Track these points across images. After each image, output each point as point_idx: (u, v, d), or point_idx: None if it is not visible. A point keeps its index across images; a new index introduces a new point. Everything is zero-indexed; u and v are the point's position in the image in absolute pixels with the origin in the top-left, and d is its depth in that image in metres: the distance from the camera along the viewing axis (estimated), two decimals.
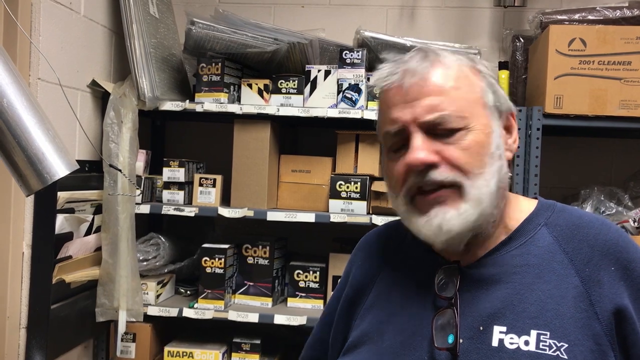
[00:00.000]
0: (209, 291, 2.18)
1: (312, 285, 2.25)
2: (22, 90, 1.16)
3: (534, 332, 0.89)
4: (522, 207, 1.01)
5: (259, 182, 2.21)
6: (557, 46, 2.03)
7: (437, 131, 0.93)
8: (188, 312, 2.17)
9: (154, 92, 2.15)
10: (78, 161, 1.26)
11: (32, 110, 1.16)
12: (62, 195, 1.87)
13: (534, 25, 2.26)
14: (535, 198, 1.05)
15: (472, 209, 0.92)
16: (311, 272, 2.25)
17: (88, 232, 2.05)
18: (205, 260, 2.18)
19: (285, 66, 2.33)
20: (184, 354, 2.21)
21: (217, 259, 2.18)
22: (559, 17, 2.17)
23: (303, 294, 2.25)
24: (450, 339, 0.92)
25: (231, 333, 2.29)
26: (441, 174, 0.92)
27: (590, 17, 2.13)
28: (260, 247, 2.26)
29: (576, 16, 2.15)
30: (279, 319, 2.13)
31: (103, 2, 2.20)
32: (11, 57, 1.22)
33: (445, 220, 0.92)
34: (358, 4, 2.59)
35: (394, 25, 2.58)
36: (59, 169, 1.16)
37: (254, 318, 2.14)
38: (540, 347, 0.88)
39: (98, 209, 2.09)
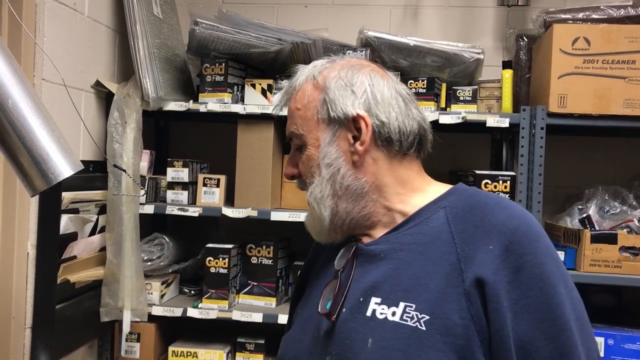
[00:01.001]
0: (213, 291, 2.18)
1: None
2: (27, 91, 1.17)
3: (402, 304, 0.96)
4: (430, 194, 1.07)
5: (262, 182, 2.22)
6: (561, 45, 2.02)
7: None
8: (192, 312, 2.17)
9: (158, 92, 2.15)
10: (82, 161, 1.27)
11: (37, 111, 1.16)
12: (66, 196, 1.88)
13: (537, 24, 2.26)
14: (454, 185, 1.11)
15: (309, 215, 1.10)
16: None
17: (92, 232, 2.06)
18: (209, 260, 2.19)
19: (288, 66, 2.30)
20: (188, 353, 2.21)
21: (221, 259, 2.18)
22: (563, 16, 2.17)
23: None
24: (328, 305, 1.02)
25: (235, 333, 2.29)
26: (299, 183, 1.13)
27: (594, 16, 2.13)
28: (264, 247, 2.27)
29: (580, 15, 2.15)
30: (283, 319, 2.13)
31: (107, 2, 2.20)
32: (16, 58, 1.23)
33: (306, 223, 1.12)
34: (361, 4, 2.59)
35: (398, 25, 2.58)
36: (64, 169, 1.16)
37: (258, 318, 2.14)
38: (403, 317, 0.95)
39: (102, 209, 2.09)
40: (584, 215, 2.13)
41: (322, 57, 2.32)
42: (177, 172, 2.27)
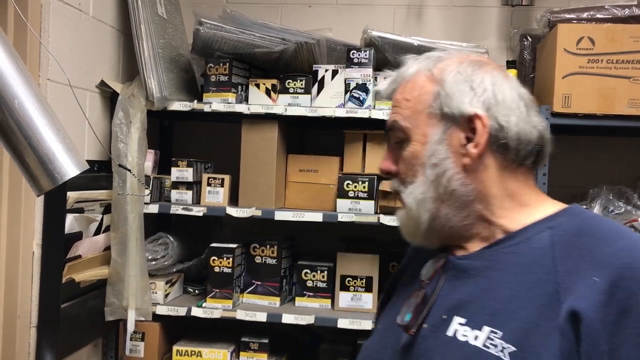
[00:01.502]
0: (217, 290, 2.19)
1: (319, 284, 2.25)
2: (32, 91, 1.17)
3: (486, 329, 0.88)
4: (538, 211, 0.96)
5: (266, 181, 2.22)
6: (565, 45, 2.02)
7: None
8: (196, 312, 2.18)
9: (162, 92, 2.16)
10: (87, 161, 1.27)
11: (43, 111, 1.17)
12: (71, 195, 1.88)
13: (541, 24, 2.26)
14: (568, 205, 1.00)
15: (405, 216, 1.01)
16: (319, 272, 2.25)
17: (97, 232, 2.06)
18: (214, 259, 2.19)
19: (292, 66, 2.34)
20: (193, 353, 2.22)
21: (225, 259, 2.18)
22: (567, 15, 2.16)
23: (311, 294, 2.26)
24: (407, 317, 0.96)
25: (239, 332, 2.30)
26: (395, 182, 1.04)
27: (598, 16, 2.12)
28: (268, 246, 2.27)
29: (584, 15, 2.14)
30: (287, 318, 2.13)
31: (111, 2, 2.21)
32: (21, 58, 1.23)
33: (398, 220, 1.04)
34: (365, 4, 2.59)
35: (402, 25, 2.58)
36: (70, 169, 1.17)
37: (262, 317, 2.14)
38: (486, 344, 0.87)
39: (107, 209, 2.10)
40: None
41: (325, 57, 2.32)
42: (182, 172, 2.27)
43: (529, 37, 2.39)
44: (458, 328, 0.91)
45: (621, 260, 0.84)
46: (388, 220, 2.10)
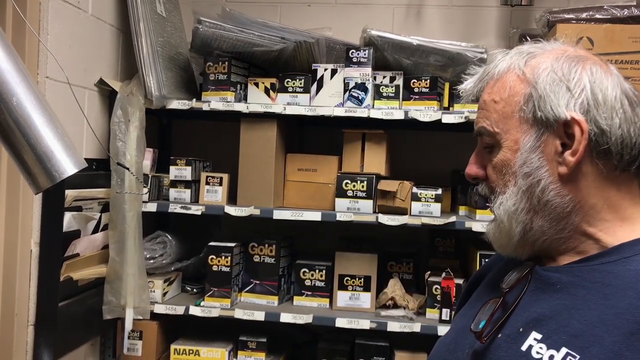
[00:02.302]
0: (215, 289, 2.19)
1: (318, 283, 2.25)
2: (31, 88, 1.17)
3: (564, 350, 0.81)
4: None
5: (265, 180, 2.22)
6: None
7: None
8: (194, 310, 2.18)
9: (161, 90, 2.16)
10: (86, 159, 1.27)
11: (41, 109, 1.17)
12: (69, 194, 1.88)
13: (541, 24, 2.26)
14: None
15: (496, 227, 0.95)
16: (317, 271, 2.25)
17: (95, 230, 2.06)
18: (212, 258, 2.19)
19: (291, 65, 2.33)
20: (190, 351, 2.22)
21: (223, 257, 2.18)
22: (566, 16, 2.16)
23: (309, 293, 2.25)
24: (481, 325, 0.90)
25: (237, 331, 2.30)
26: (482, 189, 0.98)
27: (597, 16, 2.12)
28: (266, 245, 2.27)
29: (583, 15, 2.14)
30: (285, 318, 2.13)
31: (110, 1, 2.21)
32: (20, 56, 1.23)
33: (487, 232, 0.98)
34: (364, 3, 2.59)
35: (401, 24, 2.57)
36: (68, 167, 1.17)
37: (260, 316, 2.14)
38: None
39: (105, 207, 2.10)
40: None
41: (325, 56, 2.31)
42: (180, 171, 2.27)
43: (528, 37, 2.38)
44: (533, 344, 0.85)
45: None
46: (386, 219, 2.10)
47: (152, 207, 2.21)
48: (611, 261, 0.86)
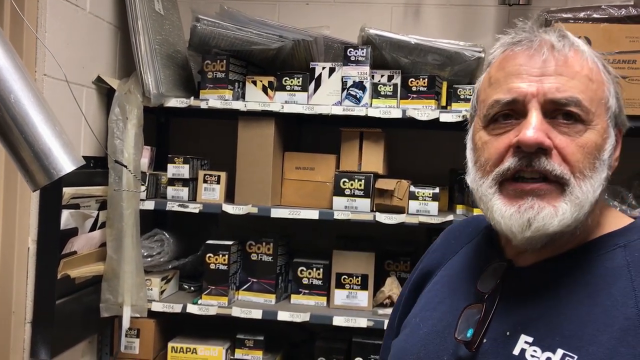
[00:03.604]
0: (213, 287, 2.19)
1: (315, 282, 2.25)
2: (29, 86, 1.17)
3: (560, 352, 0.81)
4: (609, 223, 0.92)
5: (263, 179, 2.22)
6: None
7: (558, 116, 0.86)
8: (192, 308, 2.18)
9: (159, 88, 2.16)
10: (83, 157, 1.27)
11: (39, 106, 1.17)
12: (67, 191, 1.88)
13: (538, 23, 2.26)
14: (634, 218, 0.95)
15: (570, 211, 0.84)
16: (315, 269, 2.25)
17: (93, 228, 2.06)
18: (209, 256, 2.19)
19: (289, 63, 2.33)
20: (188, 349, 2.22)
21: (221, 256, 2.19)
22: (564, 15, 2.17)
23: (306, 291, 2.26)
24: (469, 333, 0.89)
25: (234, 329, 2.30)
26: (551, 163, 0.84)
27: (595, 16, 2.12)
28: (264, 243, 2.27)
29: (581, 14, 2.14)
30: (283, 316, 2.14)
31: None
32: (17, 53, 1.23)
33: (538, 217, 0.84)
34: (363, 2, 2.59)
35: (399, 23, 2.58)
36: (65, 164, 1.17)
37: (257, 314, 2.15)
38: None
39: (103, 205, 2.10)
40: None
41: (323, 55, 2.30)
42: (178, 169, 2.27)
43: None
44: (526, 348, 0.84)
45: None
46: (384, 218, 2.10)
47: (149, 205, 2.21)
48: (586, 260, 0.87)
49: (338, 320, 2.10)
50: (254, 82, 2.25)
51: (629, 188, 2.27)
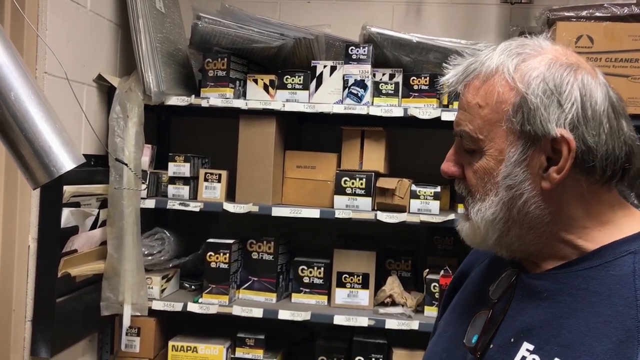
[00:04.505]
0: (214, 286, 2.18)
1: (316, 281, 2.25)
2: (29, 83, 1.17)
3: None
4: (620, 228, 0.88)
5: (264, 177, 2.21)
6: (564, 43, 2.01)
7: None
8: (192, 307, 2.17)
9: (160, 86, 2.15)
10: (84, 155, 1.27)
11: (40, 104, 1.16)
12: (67, 189, 1.88)
13: (541, 22, 2.25)
14: None
15: (471, 229, 0.92)
16: (315, 268, 2.25)
17: (93, 226, 2.06)
18: (210, 255, 2.19)
19: (291, 62, 2.33)
20: (188, 348, 2.22)
21: (221, 254, 2.18)
22: (566, 13, 2.16)
23: (307, 290, 2.25)
24: (474, 339, 0.91)
25: (235, 328, 2.30)
26: (461, 188, 0.95)
27: (597, 14, 2.12)
28: (264, 242, 2.27)
29: (583, 13, 2.14)
30: (283, 315, 2.13)
31: None
32: (18, 51, 1.22)
33: (461, 229, 0.95)
34: (364, 0, 2.59)
35: (400, 21, 2.57)
36: (66, 162, 1.16)
37: (258, 313, 2.14)
38: None
39: (103, 203, 2.09)
40: None
41: (324, 53, 2.29)
42: (179, 167, 2.27)
43: (527, 36, 2.38)
44: (526, 355, 0.85)
45: None
46: (385, 217, 2.10)
47: (150, 203, 2.20)
48: (594, 266, 0.85)
49: (339, 319, 2.10)
50: (255, 81, 2.25)
51: (631, 187, 2.27)
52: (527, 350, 0.85)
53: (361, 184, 2.16)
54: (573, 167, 0.84)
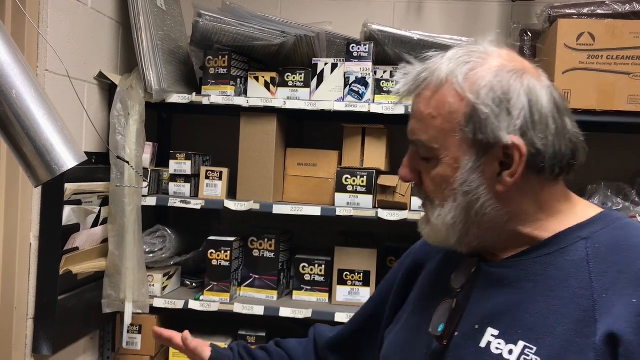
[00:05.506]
0: (215, 283, 2.19)
1: (317, 278, 2.25)
2: (31, 81, 1.17)
3: (521, 344, 0.87)
4: (571, 217, 0.94)
5: (265, 175, 2.22)
6: (565, 40, 2.02)
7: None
8: (194, 304, 2.18)
9: (161, 84, 2.15)
10: (85, 153, 1.27)
11: (41, 102, 1.16)
12: (69, 187, 1.88)
13: (542, 19, 2.25)
14: (603, 208, 0.98)
15: (432, 232, 0.97)
16: (317, 266, 2.25)
17: (95, 224, 2.06)
18: (211, 252, 2.19)
19: (292, 59, 2.33)
20: None
21: (223, 252, 2.18)
22: (568, 11, 2.16)
23: (308, 287, 2.26)
24: (440, 328, 0.94)
25: (236, 325, 2.30)
26: (420, 193, 0.99)
27: (599, 11, 2.11)
28: (266, 240, 2.27)
29: (585, 10, 2.13)
30: (285, 312, 2.13)
31: None
32: (19, 49, 1.22)
33: (422, 231, 1.01)
34: None
35: (401, 19, 2.57)
36: (68, 160, 1.17)
37: (259, 311, 2.14)
38: (521, 359, 0.86)
39: (105, 201, 2.09)
40: None
41: (325, 50, 2.28)
42: (180, 165, 2.27)
43: (529, 33, 2.38)
44: (492, 340, 0.89)
45: None
46: (386, 214, 2.10)
47: (151, 201, 2.20)
48: (550, 253, 0.91)
49: (340, 317, 2.10)
50: (256, 78, 2.25)
51: (632, 185, 2.27)
52: (492, 335, 0.89)
53: (362, 181, 2.16)
54: (525, 169, 0.89)
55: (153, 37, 2.17)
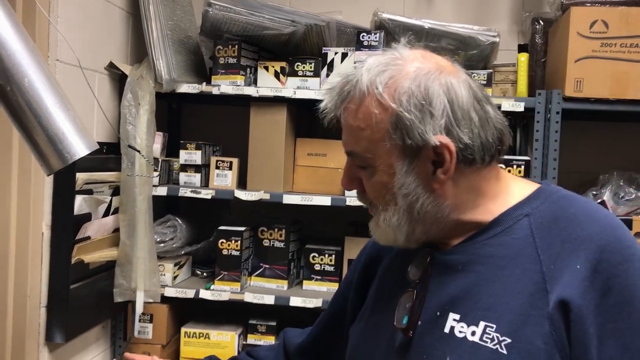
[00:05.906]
0: (225, 273, 2.19)
1: (327, 268, 2.25)
2: (42, 70, 1.17)
3: (482, 324, 0.90)
4: (510, 197, 0.98)
5: (275, 165, 2.21)
6: (578, 28, 1.99)
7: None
8: (204, 294, 2.19)
9: (171, 74, 2.15)
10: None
11: (53, 90, 1.16)
12: (80, 177, 1.88)
13: (554, 7, 2.23)
14: (540, 183, 1.02)
15: (381, 235, 1.01)
16: (327, 255, 2.25)
17: (106, 214, 2.07)
18: (222, 242, 2.20)
19: (302, 48, 2.32)
20: (201, 334, 2.23)
21: (233, 241, 2.19)
22: None
23: (318, 277, 2.26)
24: (405, 320, 0.97)
25: (247, 315, 2.31)
26: (363, 199, 1.03)
27: None
28: (276, 229, 2.27)
29: None
30: (295, 301, 2.14)
31: None
32: (30, 38, 1.22)
33: (373, 233, 1.03)
34: None
35: (412, 7, 2.55)
36: (79, 148, 1.17)
37: (269, 300, 2.15)
38: (484, 339, 0.89)
39: (116, 191, 2.10)
40: (599, 201, 2.12)
41: (335, 40, 2.26)
42: (190, 155, 2.27)
43: (540, 21, 2.36)
44: (454, 325, 0.93)
45: (597, 244, 0.88)
46: None
47: (162, 191, 2.21)
48: (496, 234, 0.95)
49: None
50: (266, 68, 2.24)
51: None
52: (454, 320, 0.93)
53: None
54: (457, 164, 0.92)
55: (163, 26, 2.17)
